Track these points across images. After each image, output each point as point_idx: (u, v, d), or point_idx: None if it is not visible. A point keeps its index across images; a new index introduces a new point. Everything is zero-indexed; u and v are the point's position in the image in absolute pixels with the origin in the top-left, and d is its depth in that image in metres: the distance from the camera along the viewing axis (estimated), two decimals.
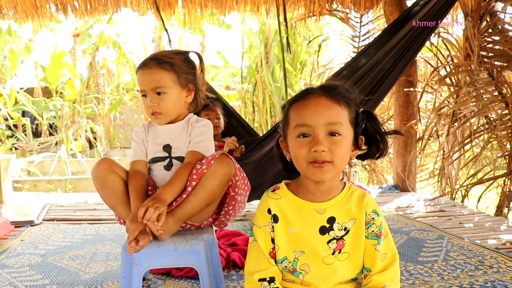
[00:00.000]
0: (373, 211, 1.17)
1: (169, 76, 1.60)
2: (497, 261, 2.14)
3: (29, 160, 8.99)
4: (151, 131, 1.72)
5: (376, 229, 1.16)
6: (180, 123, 1.69)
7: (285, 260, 1.17)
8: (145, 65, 1.62)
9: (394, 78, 2.94)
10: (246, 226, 2.99)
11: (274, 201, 1.19)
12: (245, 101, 8.86)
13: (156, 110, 1.61)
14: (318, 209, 1.16)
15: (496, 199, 3.97)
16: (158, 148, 1.67)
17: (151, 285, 1.92)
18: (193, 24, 5.36)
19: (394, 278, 1.15)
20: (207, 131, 1.67)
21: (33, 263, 2.25)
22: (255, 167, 2.84)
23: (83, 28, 11.47)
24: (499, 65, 3.63)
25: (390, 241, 1.19)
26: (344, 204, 1.17)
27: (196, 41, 11.50)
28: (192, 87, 1.68)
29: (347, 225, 1.15)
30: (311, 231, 1.15)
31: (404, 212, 3.43)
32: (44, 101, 10.98)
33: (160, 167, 1.66)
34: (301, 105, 1.14)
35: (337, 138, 1.09)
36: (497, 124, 3.68)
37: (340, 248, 1.15)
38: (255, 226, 1.21)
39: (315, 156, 1.08)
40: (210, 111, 3.07)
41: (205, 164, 1.51)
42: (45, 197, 4.44)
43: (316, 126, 1.09)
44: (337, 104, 1.11)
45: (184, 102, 1.67)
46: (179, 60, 1.64)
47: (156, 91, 1.59)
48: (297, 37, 8.46)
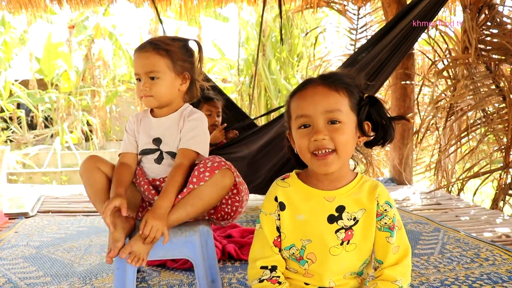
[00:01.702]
0: (386, 203, 1.14)
1: (164, 62, 1.57)
2: (492, 254, 2.14)
3: (24, 152, 8.94)
4: (144, 122, 1.68)
5: (389, 221, 1.13)
6: (173, 115, 1.64)
7: (293, 247, 1.16)
8: (141, 48, 1.59)
9: (390, 71, 2.93)
10: (242, 218, 2.98)
11: (282, 189, 1.18)
12: (242, 93, 8.82)
13: (147, 93, 1.57)
14: (328, 197, 1.14)
15: (491, 193, 3.97)
16: (148, 140, 1.63)
17: (146, 277, 1.91)
18: (190, 15, 5.31)
19: (406, 273, 1.13)
20: (199, 125, 1.62)
21: (27, 255, 2.23)
22: (248, 163, 2.81)
23: (78, 20, 11.37)
24: (497, 58, 3.62)
25: (403, 234, 1.16)
26: (354, 193, 1.14)
27: (192, 33, 11.39)
28: (188, 75, 1.64)
29: (356, 215, 1.13)
30: (319, 219, 1.13)
31: (401, 205, 3.43)
32: (39, 93, 10.91)
33: (150, 160, 1.63)
34: (299, 96, 1.13)
35: (337, 125, 1.07)
36: (494, 118, 3.67)
37: (349, 238, 1.12)
38: (262, 213, 1.20)
39: (316, 145, 1.06)
40: (213, 107, 2.93)
41: (208, 172, 1.47)
42: (40, 189, 4.41)
43: (314, 115, 1.07)
44: (335, 91, 1.09)
45: (177, 90, 1.63)
46: (176, 47, 1.61)
47: (150, 76, 1.56)
48: (294, 29, 8.41)
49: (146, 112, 1.70)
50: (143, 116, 1.70)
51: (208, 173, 1.46)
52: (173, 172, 1.51)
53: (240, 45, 9.49)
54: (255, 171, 2.85)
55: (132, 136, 1.68)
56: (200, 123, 1.62)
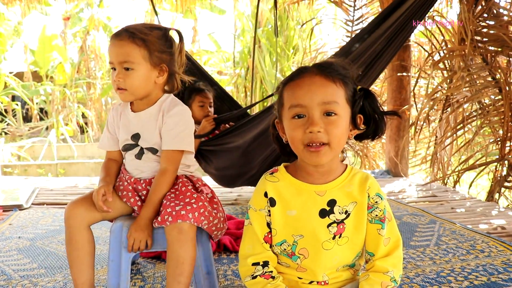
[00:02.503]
0: (377, 195, 1.13)
1: (140, 52, 1.45)
2: (488, 246, 2.15)
3: (19, 145, 8.89)
4: (123, 116, 1.60)
5: (380, 213, 1.12)
6: (152, 109, 1.54)
7: (284, 243, 1.14)
8: (117, 36, 1.48)
9: (386, 62, 2.91)
10: (237, 210, 2.97)
11: (272, 184, 1.15)
12: (237, 85, 8.79)
13: (121, 85, 1.46)
14: (318, 191, 1.12)
15: (487, 185, 3.98)
16: (127, 136, 1.56)
17: (141, 269, 1.90)
18: (185, 7, 5.27)
19: (397, 264, 1.13)
20: (180, 120, 1.52)
21: (21, 247, 2.22)
22: (242, 154, 2.78)
23: (73, 11, 11.27)
24: (493, 50, 3.61)
25: (393, 225, 1.15)
26: (345, 186, 1.12)
27: (188, 25, 11.34)
28: (166, 67, 1.52)
29: (348, 208, 1.11)
30: (310, 214, 1.11)
31: (396, 197, 3.43)
32: (34, 85, 10.83)
33: (131, 156, 1.57)
34: (295, 84, 1.09)
35: (333, 118, 1.05)
36: (490, 110, 3.67)
37: (341, 232, 1.11)
38: (251, 209, 1.17)
39: (311, 138, 1.04)
40: (205, 97, 2.89)
41: (172, 217, 1.34)
42: (34, 181, 4.39)
43: (310, 106, 1.04)
44: (332, 82, 1.07)
45: (154, 82, 1.51)
46: (154, 36, 1.49)
47: (124, 66, 1.45)
48: (290, 21, 8.37)
49: (126, 105, 1.61)
50: (123, 109, 1.61)
51: (171, 219, 1.34)
52: (158, 180, 1.47)
53: (236, 37, 9.44)
54: (249, 162, 2.82)
55: (113, 134, 1.63)
56: (182, 117, 1.53)
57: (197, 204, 1.40)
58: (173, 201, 1.41)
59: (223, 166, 2.96)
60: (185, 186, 1.48)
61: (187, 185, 1.49)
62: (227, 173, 3.02)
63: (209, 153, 2.92)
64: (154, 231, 1.44)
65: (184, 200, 1.40)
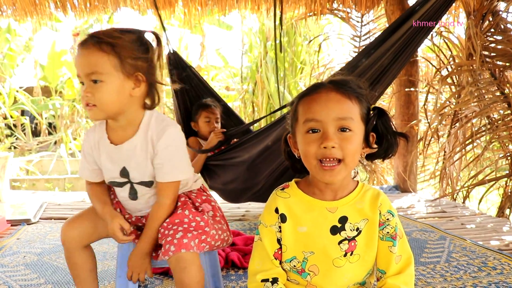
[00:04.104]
0: (388, 212, 1.12)
1: (109, 60, 1.24)
2: (500, 263, 2.11)
3: (28, 159, 8.95)
4: (102, 146, 1.38)
5: (392, 230, 1.12)
6: (135, 140, 1.33)
7: (294, 260, 1.13)
8: (82, 44, 1.27)
9: (392, 76, 2.91)
10: (245, 226, 2.96)
11: (283, 200, 1.14)
12: (245, 101, 8.82)
13: (90, 101, 1.25)
14: (330, 208, 1.11)
15: (497, 201, 3.93)
16: (114, 169, 1.37)
17: (149, 285, 1.89)
18: (193, 23, 5.33)
19: (409, 282, 1.11)
20: (173, 149, 1.34)
21: (29, 262, 2.22)
22: (247, 168, 2.78)
23: (83, 27, 11.43)
24: (502, 64, 3.59)
25: (405, 243, 1.14)
26: (356, 203, 1.12)
27: (196, 41, 11.43)
28: (142, 77, 1.30)
29: (359, 225, 1.11)
30: (321, 230, 1.10)
31: (405, 213, 3.40)
32: (43, 100, 10.94)
33: (124, 194, 1.42)
34: (310, 99, 1.09)
35: (348, 134, 1.05)
36: (499, 125, 3.64)
37: (352, 249, 1.10)
38: (262, 225, 1.16)
39: (324, 153, 1.03)
40: (211, 113, 2.94)
41: (174, 246, 1.27)
42: (42, 195, 4.40)
43: (326, 121, 1.05)
44: (348, 99, 1.07)
45: (129, 95, 1.29)
46: (126, 41, 1.27)
47: (91, 78, 1.24)
48: (297, 37, 8.42)
49: (102, 134, 1.38)
50: (100, 138, 1.39)
51: (174, 248, 1.27)
52: (156, 213, 1.37)
53: (243, 53, 9.51)
54: (255, 176, 2.81)
55: (92, 166, 1.43)
56: (174, 142, 1.35)
57: (198, 230, 1.34)
58: (172, 227, 1.33)
59: (229, 180, 2.96)
60: (185, 209, 1.39)
61: (185, 207, 1.40)
62: (232, 188, 3.03)
63: (216, 167, 2.93)
64: None
65: (183, 226, 1.33)
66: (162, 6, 4.64)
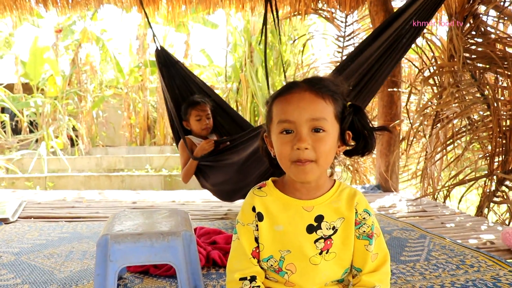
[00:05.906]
0: (365, 211, 1.12)
1: None
2: (477, 261, 2.14)
3: (8, 157, 8.78)
4: None
5: (368, 229, 1.12)
6: None
7: (271, 259, 1.12)
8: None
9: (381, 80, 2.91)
10: (227, 224, 2.95)
11: (260, 199, 1.14)
12: (229, 100, 8.81)
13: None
14: (306, 207, 1.11)
15: (476, 200, 4.00)
16: None
17: (128, 284, 1.87)
18: (177, 21, 5.29)
19: (384, 279, 1.12)
20: None
21: (5, 261, 2.17)
22: (238, 170, 2.78)
23: (66, 24, 11.27)
24: (482, 66, 3.65)
25: (381, 241, 1.15)
26: (333, 202, 1.12)
27: (180, 39, 11.37)
28: None
29: (335, 224, 1.11)
30: (298, 229, 1.10)
31: (387, 212, 3.43)
32: (24, 97, 10.76)
33: None
34: (284, 100, 1.09)
35: (321, 134, 1.04)
36: (478, 126, 3.70)
37: (328, 248, 1.10)
38: (239, 223, 1.16)
39: (298, 155, 1.03)
40: (201, 110, 2.92)
41: None
42: (22, 194, 4.32)
43: (299, 122, 1.04)
44: (321, 98, 1.06)
45: None
46: None
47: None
48: (282, 36, 8.44)
49: None
50: None
51: None
52: None
53: (228, 51, 9.49)
54: (245, 178, 2.81)
55: None
56: None
57: None
58: None
59: (219, 181, 2.97)
60: None
61: None
62: (224, 188, 3.03)
63: (206, 168, 2.93)
64: (140, 242, 1.41)
65: None
66: (146, 4, 4.60)
